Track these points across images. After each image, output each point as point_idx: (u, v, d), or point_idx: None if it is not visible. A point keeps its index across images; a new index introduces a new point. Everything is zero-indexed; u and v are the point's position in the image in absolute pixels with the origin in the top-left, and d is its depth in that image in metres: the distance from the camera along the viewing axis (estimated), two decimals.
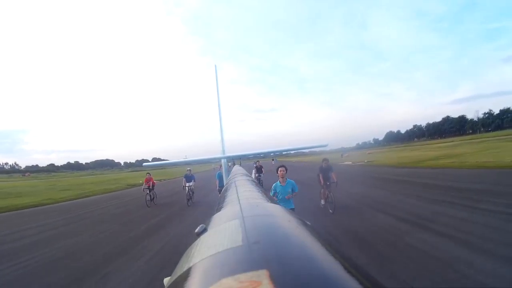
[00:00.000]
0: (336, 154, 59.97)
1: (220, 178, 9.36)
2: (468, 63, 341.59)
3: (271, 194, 4.96)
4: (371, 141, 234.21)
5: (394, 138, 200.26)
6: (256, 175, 14.17)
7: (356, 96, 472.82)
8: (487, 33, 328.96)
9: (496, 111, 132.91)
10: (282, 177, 5.05)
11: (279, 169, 5.10)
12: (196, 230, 0.88)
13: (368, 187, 12.43)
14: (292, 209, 4.77)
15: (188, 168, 13.09)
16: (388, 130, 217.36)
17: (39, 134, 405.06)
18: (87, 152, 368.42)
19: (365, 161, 33.50)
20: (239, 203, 1.31)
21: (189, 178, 12.38)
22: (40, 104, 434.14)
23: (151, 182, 12.93)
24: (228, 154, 5.48)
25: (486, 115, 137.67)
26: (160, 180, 30.38)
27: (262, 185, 12.61)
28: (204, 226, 0.90)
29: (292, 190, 5.05)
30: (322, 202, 8.40)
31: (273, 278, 0.40)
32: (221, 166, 8.53)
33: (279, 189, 5.01)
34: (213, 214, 1.25)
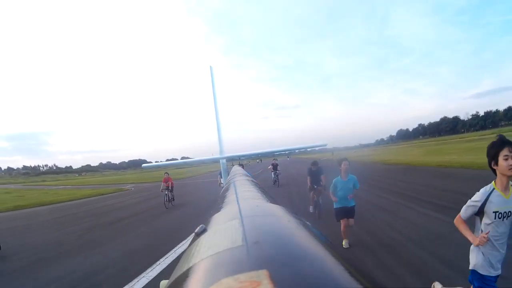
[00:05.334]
0: (349, 152, 77.26)
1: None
2: (490, 56, 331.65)
3: (330, 190, 4.86)
4: (388, 138, 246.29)
5: (403, 136, 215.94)
6: (272, 172, 15.50)
7: (378, 92, 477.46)
8: (509, 25, 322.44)
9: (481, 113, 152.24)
10: (345, 172, 4.68)
11: (343, 162, 4.70)
12: (196, 230, 0.88)
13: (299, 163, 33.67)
14: (353, 207, 4.82)
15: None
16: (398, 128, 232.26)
17: (63, 136, 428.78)
18: (110, 152, 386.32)
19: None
20: (239, 203, 1.32)
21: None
22: (62, 106, 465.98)
23: (170, 182, 12.31)
24: (227, 154, 5.29)
25: (474, 117, 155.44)
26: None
27: (278, 183, 14.67)
28: (204, 226, 0.90)
29: (354, 186, 4.71)
30: (311, 208, 7.52)
31: (273, 278, 0.40)
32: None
33: (341, 185, 4.70)
34: (213, 214, 1.24)
